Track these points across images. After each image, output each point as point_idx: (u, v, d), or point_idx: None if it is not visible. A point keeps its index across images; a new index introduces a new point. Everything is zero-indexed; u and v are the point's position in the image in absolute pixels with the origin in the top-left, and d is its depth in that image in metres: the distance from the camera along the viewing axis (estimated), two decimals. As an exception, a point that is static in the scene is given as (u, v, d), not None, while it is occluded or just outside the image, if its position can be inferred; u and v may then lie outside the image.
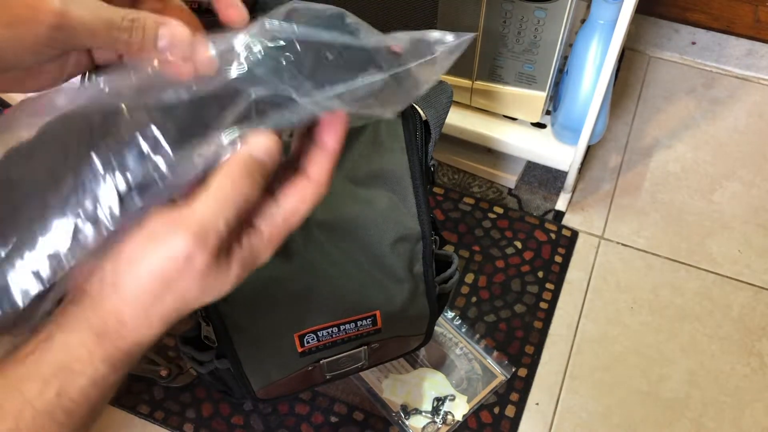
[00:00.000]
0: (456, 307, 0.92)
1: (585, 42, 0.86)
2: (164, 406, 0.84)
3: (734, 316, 0.91)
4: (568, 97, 0.91)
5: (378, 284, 0.65)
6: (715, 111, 1.14)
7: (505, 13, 0.82)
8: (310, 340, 0.66)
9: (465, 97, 0.97)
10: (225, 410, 0.84)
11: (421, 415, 0.83)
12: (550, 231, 0.99)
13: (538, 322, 0.90)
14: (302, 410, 0.84)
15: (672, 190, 1.04)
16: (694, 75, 1.19)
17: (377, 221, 0.62)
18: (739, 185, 1.05)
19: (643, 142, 1.10)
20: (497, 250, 0.97)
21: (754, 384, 0.86)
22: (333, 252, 0.62)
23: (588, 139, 0.90)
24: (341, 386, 0.85)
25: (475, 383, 0.85)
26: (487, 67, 0.91)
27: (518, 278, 0.94)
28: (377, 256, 0.63)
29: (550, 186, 1.05)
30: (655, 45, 1.23)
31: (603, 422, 0.83)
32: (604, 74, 0.82)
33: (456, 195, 1.03)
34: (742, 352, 0.88)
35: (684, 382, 0.86)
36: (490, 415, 0.83)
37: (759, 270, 0.95)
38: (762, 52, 1.20)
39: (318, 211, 0.61)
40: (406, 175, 0.62)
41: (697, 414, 0.84)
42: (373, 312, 0.66)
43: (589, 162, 1.08)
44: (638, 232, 1.00)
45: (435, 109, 0.64)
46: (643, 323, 0.91)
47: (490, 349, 0.88)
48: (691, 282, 0.95)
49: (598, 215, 1.02)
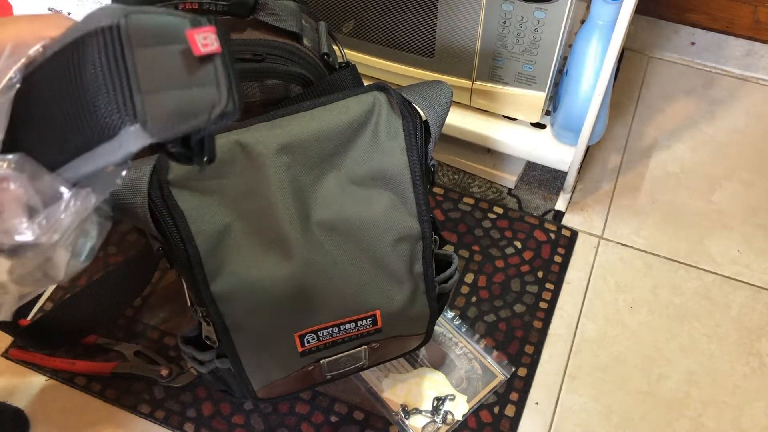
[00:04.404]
0: (456, 306, 0.92)
1: (584, 42, 0.86)
2: (165, 406, 0.85)
3: (733, 315, 0.91)
4: (567, 97, 0.91)
5: (378, 284, 0.65)
6: (714, 111, 1.14)
7: (504, 13, 0.83)
8: (310, 340, 0.66)
9: (465, 97, 0.97)
10: (226, 410, 0.84)
11: (421, 415, 0.83)
12: (550, 231, 0.99)
13: (538, 322, 0.91)
14: (302, 410, 0.84)
15: (671, 190, 1.04)
16: (693, 75, 1.19)
17: (377, 221, 0.62)
18: (738, 185, 1.05)
19: (643, 143, 1.10)
20: (497, 250, 0.97)
21: (754, 383, 0.86)
22: (333, 252, 0.62)
23: (587, 139, 0.90)
24: (341, 386, 0.86)
25: (475, 383, 0.86)
26: (486, 67, 0.91)
27: (518, 278, 0.95)
28: (377, 256, 0.63)
29: (550, 186, 1.05)
30: (655, 45, 1.23)
31: (602, 422, 0.83)
32: (604, 75, 0.82)
33: (456, 195, 1.03)
34: (742, 351, 0.88)
35: (683, 382, 0.86)
36: (490, 415, 0.83)
37: (758, 270, 0.96)
38: (761, 53, 1.20)
39: (318, 211, 0.62)
40: (406, 175, 0.62)
41: (697, 413, 0.84)
42: (373, 312, 0.66)
43: (588, 162, 1.08)
44: (638, 232, 1.00)
45: (435, 109, 0.65)
46: (643, 323, 0.91)
47: (490, 349, 0.88)
48: (691, 282, 0.95)
49: (598, 215, 1.02)
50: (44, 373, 0.88)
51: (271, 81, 0.66)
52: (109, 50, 0.32)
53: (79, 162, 0.33)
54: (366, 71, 1.01)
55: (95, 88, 0.32)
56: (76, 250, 0.37)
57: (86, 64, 0.32)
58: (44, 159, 0.34)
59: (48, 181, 0.34)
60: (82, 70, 0.32)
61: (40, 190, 0.33)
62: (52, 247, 0.35)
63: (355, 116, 0.60)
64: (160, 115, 0.32)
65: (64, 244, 0.35)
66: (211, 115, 0.33)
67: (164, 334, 0.90)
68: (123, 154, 0.33)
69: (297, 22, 0.69)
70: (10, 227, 0.33)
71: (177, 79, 0.33)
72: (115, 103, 0.32)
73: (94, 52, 0.32)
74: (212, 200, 0.59)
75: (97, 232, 0.39)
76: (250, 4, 0.67)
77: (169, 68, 0.33)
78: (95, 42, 0.32)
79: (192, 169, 0.58)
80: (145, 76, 0.32)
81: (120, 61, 0.32)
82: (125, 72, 0.32)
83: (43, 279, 0.37)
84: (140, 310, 0.92)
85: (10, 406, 0.84)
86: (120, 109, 0.32)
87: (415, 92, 0.65)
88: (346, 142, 0.61)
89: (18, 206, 0.33)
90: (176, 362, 0.87)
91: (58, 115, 0.33)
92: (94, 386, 0.86)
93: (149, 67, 0.32)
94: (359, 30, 0.95)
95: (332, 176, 0.61)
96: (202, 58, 0.33)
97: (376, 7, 0.90)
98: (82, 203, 0.34)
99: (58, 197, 0.34)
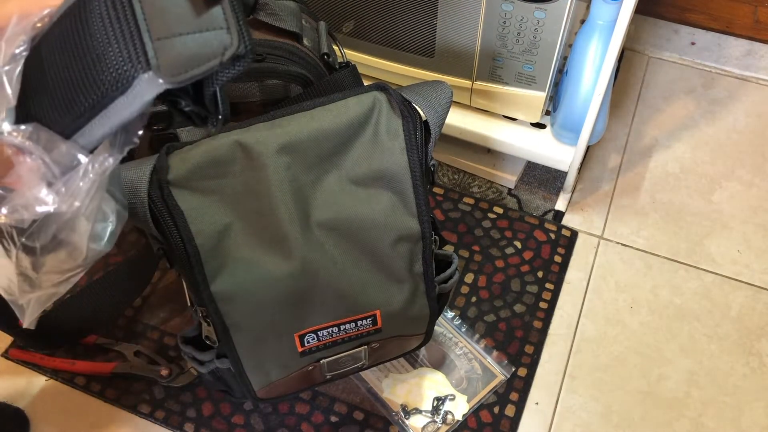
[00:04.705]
0: (456, 306, 0.92)
1: (584, 42, 0.86)
2: (165, 406, 0.85)
3: (733, 315, 0.92)
4: (567, 97, 0.91)
5: (378, 284, 0.65)
6: (714, 111, 1.14)
7: (504, 13, 0.83)
8: (310, 340, 0.66)
9: (465, 97, 0.97)
10: (225, 410, 0.84)
11: (421, 415, 0.83)
12: (550, 231, 0.99)
13: (538, 322, 0.91)
14: (302, 410, 0.84)
15: (671, 190, 1.04)
16: (693, 75, 1.19)
17: (377, 221, 0.62)
18: (738, 185, 1.05)
19: (643, 143, 1.10)
20: (497, 250, 0.97)
21: (754, 383, 0.86)
22: (333, 252, 0.62)
23: (587, 139, 0.90)
24: (341, 386, 0.86)
25: (475, 383, 0.86)
26: (486, 67, 0.91)
27: (518, 278, 0.95)
28: (377, 255, 0.63)
29: (550, 186, 1.05)
30: (655, 45, 1.23)
31: (602, 422, 0.83)
32: (604, 74, 0.82)
33: (456, 195, 1.03)
34: (742, 351, 0.88)
35: (683, 382, 0.86)
36: (490, 415, 0.83)
37: (758, 270, 0.96)
38: (761, 53, 1.20)
39: (318, 210, 0.62)
40: (406, 175, 0.62)
41: (697, 413, 0.84)
42: (373, 312, 0.66)
43: (588, 162, 1.08)
44: (638, 232, 1.00)
45: (435, 109, 0.65)
46: (643, 323, 0.91)
47: (490, 349, 0.88)
48: (691, 282, 0.95)
49: (598, 215, 1.02)
50: (44, 373, 0.88)
51: (271, 81, 0.66)
52: (115, 1, 0.32)
53: (94, 125, 0.33)
54: (366, 71, 1.01)
55: (104, 41, 0.32)
56: (97, 233, 0.37)
57: (93, 18, 0.32)
58: (58, 126, 0.34)
59: (64, 149, 0.33)
60: (90, 26, 0.32)
61: (57, 159, 0.33)
62: (73, 219, 0.34)
63: (355, 116, 0.60)
64: (172, 61, 0.32)
65: (85, 213, 0.35)
66: (224, 57, 0.33)
67: (164, 334, 0.90)
68: (138, 105, 0.32)
69: (297, 22, 0.69)
70: (30, 199, 0.33)
71: (186, 24, 0.32)
72: (126, 53, 0.31)
73: (101, 5, 0.32)
74: (212, 200, 0.59)
75: (116, 217, 0.39)
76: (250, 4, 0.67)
77: (177, 14, 0.32)
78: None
79: (192, 169, 0.57)
80: (153, 23, 0.32)
81: (128, 10, 0.31)
82: (134, 20, 0.31)
83: (67, 261, 0.36)
84: (140, 310, 0.92)
85: (10, 406, 0.84)
86: (132, 58, 0.31)
87: (415, 92, 0.65)
88: (346, 142, 0.61)
89: (36, 177, 0.33)
90: (176, 362, 0.87)
91: (70, 77, 0.33)
92: (94, 386, 0.86)
93: (157, 14, 0.32)
94: (359, 30, 0.95)
95: (332, 176, 0.61)
96: (209, 1, 0.33)
97: (376, 7, 0.90)
98: (99, 167, 0.34)
99: (75, 164, 0.34)
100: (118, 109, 0.32)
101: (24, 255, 0.36)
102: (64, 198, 0.33)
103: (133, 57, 0.31)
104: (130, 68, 0.31)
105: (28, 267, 0.36)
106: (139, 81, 0.31)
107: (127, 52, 0.31)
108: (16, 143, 0.33)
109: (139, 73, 0.31)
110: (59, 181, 0.33)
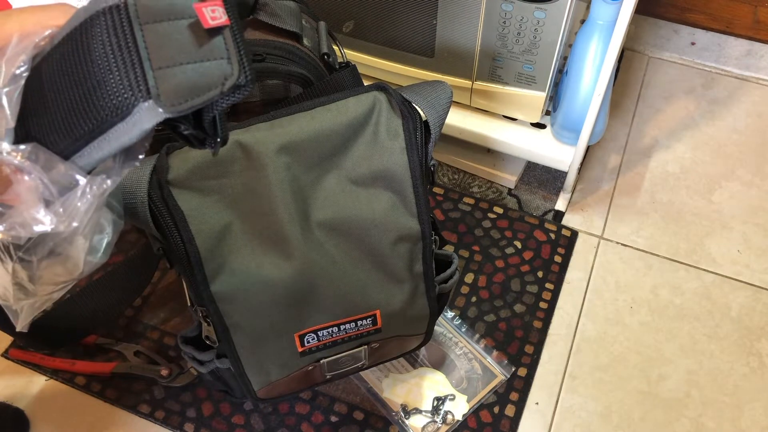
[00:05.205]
0: (456, 306, 0.92)
1: (584, 42, 0.86)
2: (165, 406, 0.85)
3: (733, 315, 0.92)
4: (567, 97, 0.91)
5: (378, 284, 0.65)
6: (714, 111, 1.14)
7: (504, 13, 0.83)
8: (310, 340, 0.66)
9: (465, 97, 0.97)
10: (225, 410, 0.84)
11: (421, 415, 0.83)
12: (550, 231, 0.99)
13: (538, 322, 0.91)
14: (302, 410, 0.84)
15: (671, 190, 1.04)
16: (693, 75, 1.19)
17: (377, 221, 0.62)
18: (738, 185, 1.05)
19: (643, 143, 1.10)
20: (497, 250, 0.97)
21: (753, 384, 0.86)
22: (333, 252, 0.62)
23: (587, 139, 0.90)
24: (341, 386, 0.86)
25: (475, 383, 0.86)
26: (486, 67, 0.91)
27: (518, 278, 0.95)
28: (377, 255, 0.63)
29: (550, 186, 1.05)
30: (655, 45, 1.23)
31: (602, 422, 0.83)
32: (604, 74, 0.82)
33: (456, 195, 1.03)
34: (742, 351, 0.88)
35: (683, 382, 0.86)
36: (490, 415, 0.83)
37: (758, 270, 0.96)
38: (761, 53, 1.20)
39: (318, 211, 0.62)
40: (406, 175, 0.62)
41: (697, 413, 0.84)
42: (373, 312, 0.66)
43: (588, 162, 1.08)
44: (637, 232, 1.00)
45: (435, 109, 0.65)
46: (643, 323, 0.91)
47: (490, 349, 0.88)
48: (691, 282, 0.95)
49: (598, 215, 1.02)
50: (44, 373, 0.88)
51: (271, 81, 0.66)
52: (117, 28, 0.32)
53: (93, 148, 0.33)
54: (366, 71, 1.01)
55: (105, 67, 0.32)
56: (93, 246, 0.37)
57: (95, 44, 0.32)
58: (57, 147, 0.34)
59: (63, 169, 0.33)
60: (91, 51, 0.32)
61: (55, 179, 0.33)
62: (71, 236, 0.34)
63: (355, 116, 0.60)
64: (172, 90, 0.32)
65: (83, 232, 0.35)
66: (224, 87, 0.33)
67: (164, 334, 0.90)
68: (137, 133, 0.32)
69: (297, 22, 0.69)
70: (27, 218, 0.33)
71: (187, 53, 0.33)
72: (126, 81, 0.32)
73: (102, 32, 0.32)
74: (212, 200, 0.59)
75: (112, 228, 0.39)
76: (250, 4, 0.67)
77: (179, 43, 0.33)
78: (102, 22, 0.32)
79: (192, 169, 0.58)
80: (155, 51, 0.32)
81: (129, 38, 0.32)
82: (135, 49, 0.32)
83: (63, 275, 0.36)
84: (140, 310, 0.92)
85: (10, 406, 0.84)
86: (132, 86, 0.32)
87: (415, 92, 0.65)
88: (346, 142, 0.61)
89: (34, 197, 0.33)
90: (176, 362, 0.87)
91: (69, 100, 0.33)
92: (94, 386, 0.87)
93: (159, 43, 0.32)
94: (359, 30, 0.95)
95: (332, 176, 0.61)
96: (211, 31, 0.33)
97: (376, 7, 0.90)
98: (98, 188, 0.34)
99: (74, 185, 0.34)
100: (118, 134, 0.33)
101: (20, 267, 0.36)
102: (61, 218, 0.34)
103: (134, 85, 0.32)
104: (130, 96, 0.32)
105: (24, 278, 0.36)
106: (139, 109, 0.32)
107: (128, 79, 0.32)
108: (15, 163, 0.33)
109: (139, 101, 0.32)
110: (57, 201, 0.34)
